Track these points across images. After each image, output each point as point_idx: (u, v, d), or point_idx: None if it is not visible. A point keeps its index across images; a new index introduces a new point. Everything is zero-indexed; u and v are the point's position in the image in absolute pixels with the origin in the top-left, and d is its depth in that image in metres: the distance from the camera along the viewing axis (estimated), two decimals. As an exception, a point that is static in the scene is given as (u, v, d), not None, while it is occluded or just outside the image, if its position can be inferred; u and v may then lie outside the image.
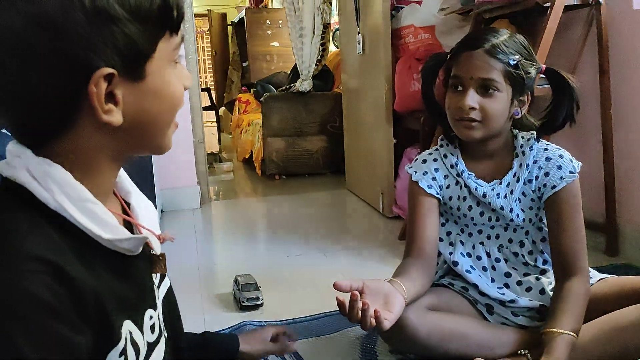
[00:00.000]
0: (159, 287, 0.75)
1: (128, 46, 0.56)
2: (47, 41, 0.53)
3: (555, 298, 1.18)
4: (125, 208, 0.71)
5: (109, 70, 0.55)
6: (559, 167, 1.22)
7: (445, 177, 1.31)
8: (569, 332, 1.09)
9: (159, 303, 0.73)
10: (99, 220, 0.59)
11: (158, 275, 0.75)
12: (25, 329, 0.49)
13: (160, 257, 0.71)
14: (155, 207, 2.75)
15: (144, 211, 0.72)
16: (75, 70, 0.54)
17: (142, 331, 0.64)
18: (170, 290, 0.80)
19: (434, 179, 1.30)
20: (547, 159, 1.23)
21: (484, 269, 1.29)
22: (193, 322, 1.61)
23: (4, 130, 1.80)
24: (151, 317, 0.68)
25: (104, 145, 0.61)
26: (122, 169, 0.70)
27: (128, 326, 0.61)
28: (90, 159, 0.61)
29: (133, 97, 0.59)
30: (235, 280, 1.77)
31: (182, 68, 0.66)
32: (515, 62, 1.16)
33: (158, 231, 0.72)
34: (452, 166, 1.30)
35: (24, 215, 0.55)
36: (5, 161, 0.59)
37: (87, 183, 0.60)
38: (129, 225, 0.69)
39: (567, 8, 1.93)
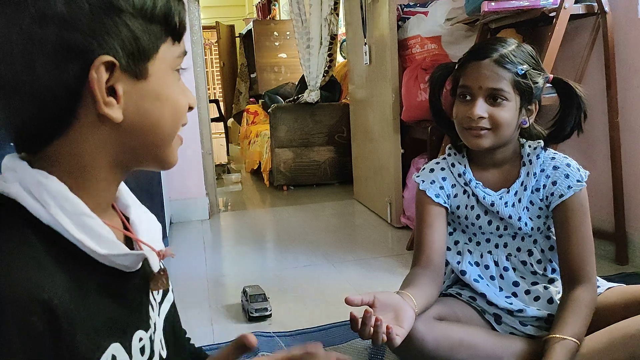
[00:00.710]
0: (161, 303, 0.73)
1: (131, 40, 0.57)
2: (52, 33, 0.53)
3: (561, 305, 1.18)
4: (125, 223, 0.68)
5: (110, 58, 0.55)
6: (567, 176, 1.22)
7: (453, 186, 1.31)
8: (570, 338, 1.08)
9: (157, 322, 0.70)
10: (95, 235, 0.57)
11: (161, 292, 0.72)
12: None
13: (161, 273, 0.68)
14: (164, 219, 2.71)
15: (145, 225, 0.69)
16: (77, 57, 0.54)
17: (130, 353, 0.62)
18: (173, 307, 0.78)
19: (441, 187, 1.30)
20: (555, 167, 1.23)
21: (492, 278, 1.29)
22: (201, 333, 1.62)
23: (12, 144, 1.83)
24: (141, 339, 0.65)
25: (103, 148, 0.59)
26: (122, 182, 0.68)
27: (113, 350, 0.58)
28: (88, 164, 0.59)
29: (134, 95, 0.59)
30: (244, 291, 1.77)
31: (186, 87, 0.66)
32: (523, 71, 1.17)
33: (160, 246, 0.69)
34: (459, 175, 1.30)
35: (12, 233, 0.53)
36: (2, 173, 0.58)
37: (84, 194, 0.58)
38: (129, 241, 0.67)
39: (573, 17, 1.93)
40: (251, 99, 6.26)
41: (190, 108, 0.66)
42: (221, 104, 6.93)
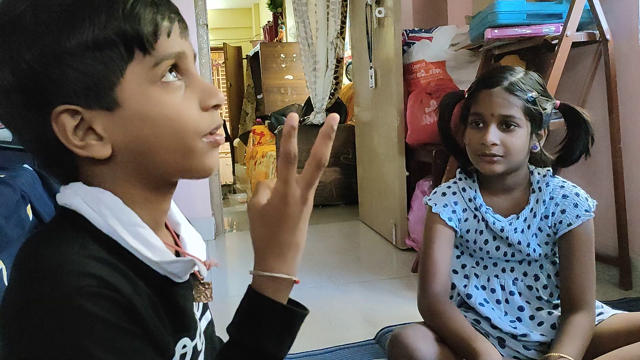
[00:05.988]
0: (200, 318, 0.75)
1: (82, 80, 0.55)
2: (12, 99, 0.56)
3: (560, 329, 1.19)
4: (176, 240, 0.72)
5: (65, 106, 0.55)
6: (576, 205, 1.24)
7: (464, 210, 1.33)
8: (567, 357, 1.09)
9: (199, 333, 0.73)
10: (147, 244, 0.60)
11: (200, 309, 0.75)
12: (97, 345, 0.51)
13: (207, 286, 0.71)
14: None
15: (193, 242, 0.73)
16: (38, 113, 0.56)
17: (173, 355, 0.65)
18: (210, 327, 0.80)
19: (453, 212, 1.32)
20: (564, 196, 1.26)
21: (498, 302, 1.30)
22: (208, 354, 1.63)
23: (25, 165, 1.85)
24: (184, 346, 0.67)
25: (120, 177, 0.61)
26: (172, 202, 0.70)
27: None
28: (117, 190, 0.61)
29: (116, 126, 0.57)
30: (250, 312, 1.78)
31: (200, 87, 0.62)
32: (532, 98, 1.20)
33: (204, 259, 0.72)
34: (470, 200, 1.32)
35: (77, 238, 0.56)
36: (61, 190, 0.62)
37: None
38: (179, 256, 0.70)
39: (575, 44, 1.96)
40: (257, 120, 6.32)
41: (216, 106, 0.62)
42: (228, 124, 6.98)
